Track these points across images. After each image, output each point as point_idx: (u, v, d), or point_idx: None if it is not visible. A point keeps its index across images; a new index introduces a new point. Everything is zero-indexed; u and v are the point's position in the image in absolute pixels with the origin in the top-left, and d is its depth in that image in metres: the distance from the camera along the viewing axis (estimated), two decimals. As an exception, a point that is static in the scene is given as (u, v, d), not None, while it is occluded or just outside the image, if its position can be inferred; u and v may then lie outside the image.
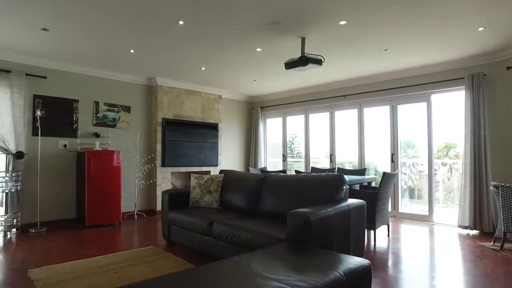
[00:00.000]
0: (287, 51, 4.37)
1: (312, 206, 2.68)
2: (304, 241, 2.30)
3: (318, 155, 6.91)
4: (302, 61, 3.85)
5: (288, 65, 4.02)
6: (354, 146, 6.23)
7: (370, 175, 5.78)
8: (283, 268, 1.78)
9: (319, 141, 6.86)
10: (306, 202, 2.95)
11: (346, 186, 3.00)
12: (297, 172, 4.62)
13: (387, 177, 4.08)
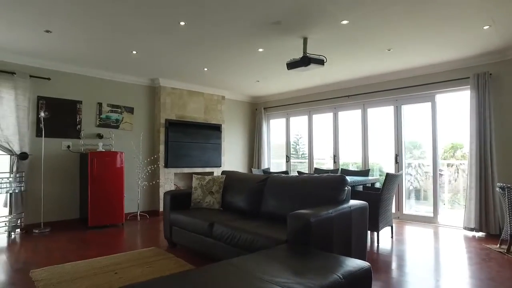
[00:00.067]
0: (289, 52, 4.35)
1: (313, 207, 2.66)
2: (304, 243, 2.28)
3: (323, 156, 6.86)
4: (304, 61, 3.82)
5: (290, 65, 4.00)
6: (358, 147, 6.18)
7: (375, 176, 5.74)
8: (282, 270, 1.76)
9: (324, 142, 6.81)
10: (308, 203, 2.93)
11: (348, 187, 2.97)
12: (299, 173, 4.59)
13: (391, 178, 4.03)
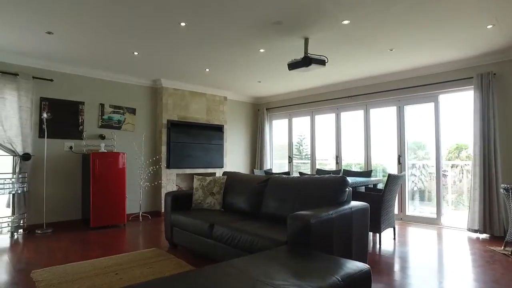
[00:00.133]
0: (291, 52, 4.33)
1: (314, 208, 2.64)
2: (304, 244, 2.26)
3: (326, 157, 6.83)
4: (305, 61, 3.81)
5: (291, 66, 3.98)
6: (361, 148, 6.14)
7: (378, 177, 5.70)
8: (280, 272, 1.74)
9: (326, 142, 6.78)
10: (308, 204, 2.90)
11: (349, 188, 2.94)
12: (301, 174, 4.57)
13: (393, 179, 4.00)
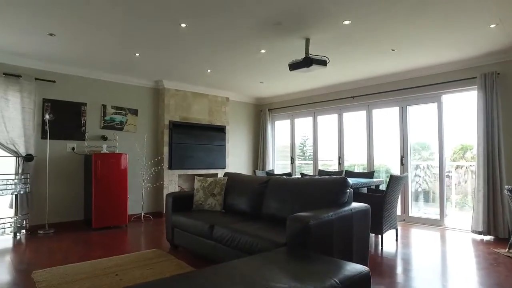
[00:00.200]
0: (292, 53, 4.32)
1: (314, 209, 2.62)
2: (303, 246, 2.24)
3: (330, 158, 6.78)
4: (306, 62, 3.79)
5: (292, 66, 3.97)
6: (364, 149, 6.11)
7: (381, 178, 5.66)
8: (278, 274, 1.73)
9: (330, 143, 6.74)
10: (309, 205, 2.88)
11: (349, 190, 2.92)
12: (302, 175, 4.55)
13: (395, 180, 3.97)
